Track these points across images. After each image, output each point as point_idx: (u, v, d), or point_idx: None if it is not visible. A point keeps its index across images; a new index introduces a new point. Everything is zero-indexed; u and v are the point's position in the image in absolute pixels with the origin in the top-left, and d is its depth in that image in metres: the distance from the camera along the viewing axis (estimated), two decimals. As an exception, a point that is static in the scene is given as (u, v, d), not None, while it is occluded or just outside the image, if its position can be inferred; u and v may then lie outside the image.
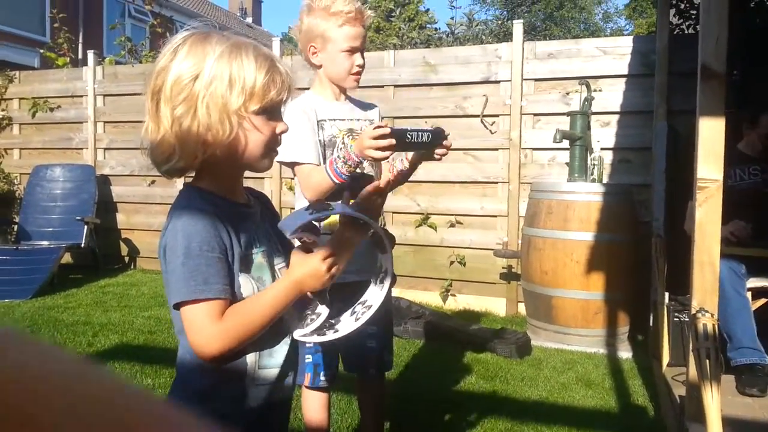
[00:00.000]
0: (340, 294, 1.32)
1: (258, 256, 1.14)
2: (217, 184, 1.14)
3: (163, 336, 3.82)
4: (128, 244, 6.27)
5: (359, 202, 1.26)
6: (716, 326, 2.00)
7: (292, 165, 1.85)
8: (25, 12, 13.61)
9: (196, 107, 1.04)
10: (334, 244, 1.16)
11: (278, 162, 1.86)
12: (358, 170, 1.78)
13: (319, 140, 1.85)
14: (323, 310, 1.23)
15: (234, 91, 1.05)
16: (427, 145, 1.71)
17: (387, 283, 1.32)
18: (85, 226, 5.67)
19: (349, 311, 1.30)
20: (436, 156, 1.76)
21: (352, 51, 1.85)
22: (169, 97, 1.05)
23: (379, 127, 1.57)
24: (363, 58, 1.90)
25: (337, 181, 1.73)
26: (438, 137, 1.71)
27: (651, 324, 3.67)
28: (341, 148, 1.78)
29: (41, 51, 8.63)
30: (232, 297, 1.06)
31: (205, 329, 1.03)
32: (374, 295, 1.32)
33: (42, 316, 4.23)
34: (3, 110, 6.73)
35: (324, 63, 1.89)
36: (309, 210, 1.19)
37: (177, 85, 1.04)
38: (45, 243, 5.67)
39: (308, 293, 1.15)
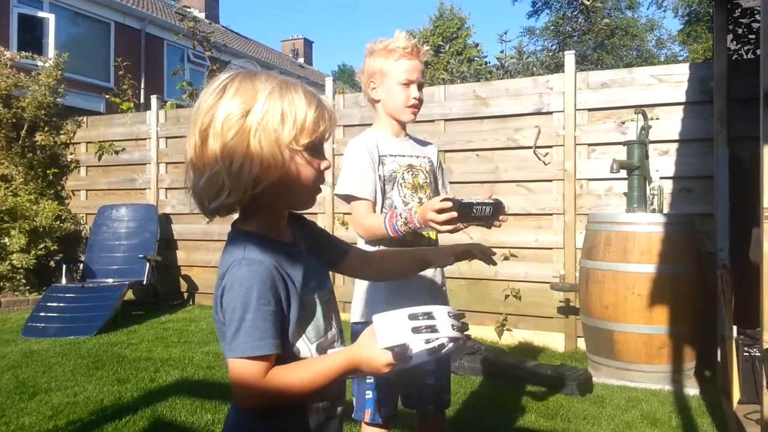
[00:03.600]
0: None
1: (311, 295, 1.17)
2: (265, 225, 1.14)
3: (221, 371, 3.88)
4: (187, 281, 6.44)
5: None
6: (793, 363, 1.90)
7: (348, 198, 1.90)
8: (92, 60, 14.42)
9: (249, 141, 1.05)
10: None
11: (336, 195, 1.93)
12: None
13: (380, 175, 1.90)
14: None
15: (286, 126, 1.07)
16: (487, 217, 1.74)
17: (432, 357, 1.18)
18: (147, 264, 5.86)
19: None
20: (491, 228, 1.79)
21: (408, 83, 1.92)
22: (219, 133, 1.06)
23: (445, 200, 1.60)
24: (420, 91, 1.95)
25: (392, 235, 1.79)
26: (498, 210, 1.74)
27: (719, 359, 3.50)
28: (404, 211, 1.78)
29: (107, 96, 9.09)
30: (283, 348, 1.07)
31: (251, 386, 1.04)
32: (417, 356, 1.15)
33: (106, 352, 4.36)
34: (71, 154, 7.10)
35: (382, 97, 1.96)
36: (412, 326, 1.05)
37: (228, 121, 1.06)
38: (109, 281, 5.89)
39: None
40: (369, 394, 1.92)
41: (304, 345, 1.13)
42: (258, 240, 1.11)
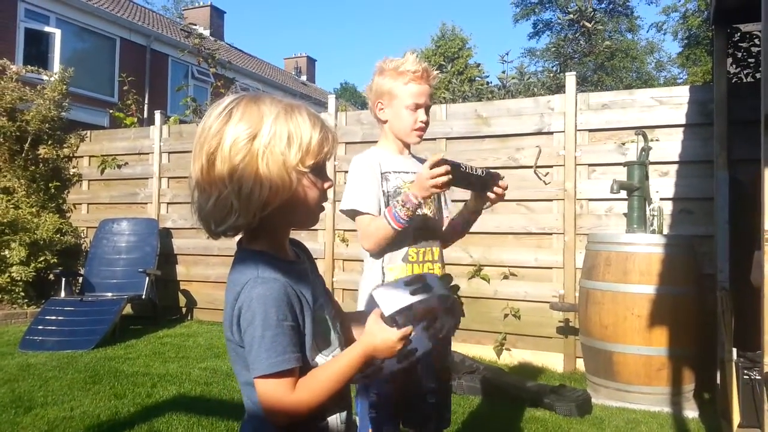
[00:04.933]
0: None
1: (321, 311, 1.18)
2: (272, 244, 1.16)
3: (218, 388, 3.86)
4: (186, 296, 6.43)
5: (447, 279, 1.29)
6: (793, 386, 1.89)
7: (352, 214, 1.92)
8: (97, 75, 14.51)
9: (257, 165, 1.07)
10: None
11: (340, 211, 1.95)
12: (419, 212, 1.83)
13: (384, 191, 1.92)
14: None
15: (292, 149, 1.09)
16: (482, 180, 1.78)
17: (435, 341, 1.29)
18: (147, 278, 5.86)
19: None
20: (490, 196, 1.82)
21: (416, 107, 1.94)
22: (227, 158, 1.07)
23: (435, 161, 1.67)
24: (427, 115, 1.98)
25: (396, 227, 1.79)
26: (492, 176, 1.79)
27: (718, 382, 3.49)
28: (398, 197, 1.84)
29: (110, 111, 9.15)
30: (304, 362, 1.09)
31: (280, 402, 1.06)
32: (420, 343, 1.27)
33: (103, 367, 4.34)
34: (74, 167, 7.13)
35: (389, 118, 1.98)
36: (411, 289, 1.16)
37: (235, 145, 1.07)
38: (108, 294, 5.87)
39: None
40: (372, 413, 1.92)
41: (322, 359, 1.15)
42: (268, 259, 1.13)
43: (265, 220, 1.11)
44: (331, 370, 1.10)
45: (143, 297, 5.84)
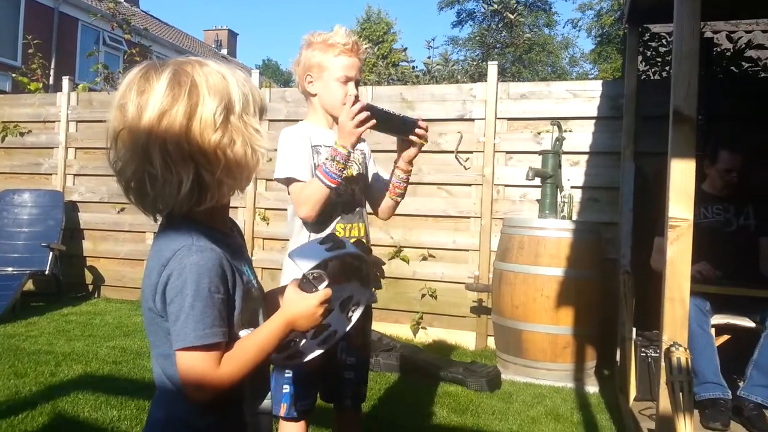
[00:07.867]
0: None
1: (252, 286, 1.15)
2: (211, 213, 1.10)
3: (128, 367, 3.73)
4: (93, 272, 6.14)
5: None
6: (689, 360, 2.05)
7: (288, 181, 1.88)
8: (-3, 36, 13.50)
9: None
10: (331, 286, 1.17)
11: (276, 179, 1.91)
12: (346, 171, 1.84)
13: (315, 164, 1.89)
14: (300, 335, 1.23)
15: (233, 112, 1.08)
16: (402, 120, 1.88)
17: (356, 315, 1.31)
18: (50, 253, 5.54)
19: (311, 335, 1.26)
20: (413, 139, 1.89)
21: (346, 80, 1.92)
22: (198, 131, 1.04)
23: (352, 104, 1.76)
24: (357, 89, 1.96)
25: (330, 184, 1.78)
26: (412, 120, 1.89)
27: (618, 359, 3.73)
28: (326, 154, 1.84)
29: (13, 75, 8.53)
30: (230, 337, 1.06)
31: (205, 377, 1.02)
32: (339, 324, 1.29)
33: (2, 345, 4.09)
34: (-30, 133, 6.60)
35: (319, 91, 1.95)
36: (325, 246, 1.18)
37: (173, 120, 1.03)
38: (8, 269, 5.52)
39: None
40: (286, 389, 1.91)
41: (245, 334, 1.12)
42: (203, 228, 1.08)
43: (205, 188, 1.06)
44: (252, 342, 1.07)
45: (46, 272, 5.52)
